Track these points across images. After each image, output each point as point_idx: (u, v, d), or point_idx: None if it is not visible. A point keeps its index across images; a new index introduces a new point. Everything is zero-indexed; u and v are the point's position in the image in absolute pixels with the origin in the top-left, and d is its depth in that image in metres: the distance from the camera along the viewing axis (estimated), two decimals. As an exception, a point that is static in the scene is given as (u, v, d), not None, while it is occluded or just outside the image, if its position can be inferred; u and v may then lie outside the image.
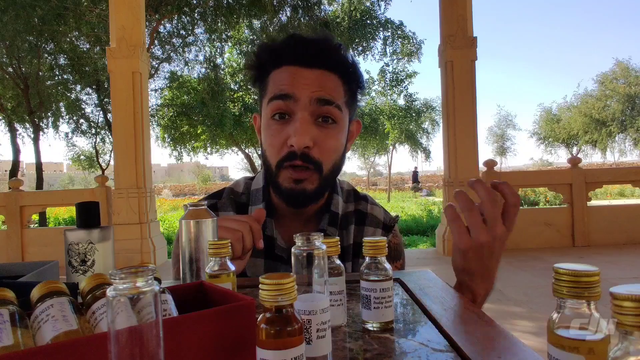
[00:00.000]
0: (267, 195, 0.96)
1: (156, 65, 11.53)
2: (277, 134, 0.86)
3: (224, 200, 1.01)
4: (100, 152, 13.48)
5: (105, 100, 11.06)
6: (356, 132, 0.99)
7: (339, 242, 0.57)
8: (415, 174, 26.10)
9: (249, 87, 12.56)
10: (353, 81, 0.90)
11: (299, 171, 0.84)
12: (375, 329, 0.57)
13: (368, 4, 11.64)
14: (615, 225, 6.36)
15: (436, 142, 23.44)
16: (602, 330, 0.35)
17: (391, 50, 12.43)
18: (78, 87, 11.68)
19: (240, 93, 13.15)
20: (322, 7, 10.81)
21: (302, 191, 0.86)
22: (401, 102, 17.34)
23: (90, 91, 11.90)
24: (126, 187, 5.97)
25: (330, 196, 0.98)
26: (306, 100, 0.83)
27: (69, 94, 11.52)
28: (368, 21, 11.57)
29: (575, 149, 25.59)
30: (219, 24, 10.54)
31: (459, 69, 6.06)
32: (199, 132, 12.84)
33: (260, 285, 0.38)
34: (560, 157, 30.57)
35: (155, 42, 10.77)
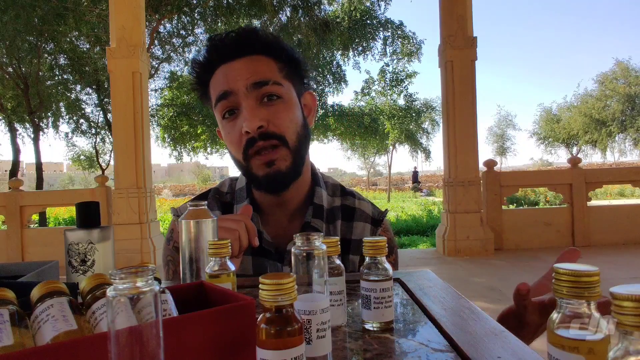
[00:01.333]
0: (250, 193, 0.97)
1: (156, 65, 11.53)
2: (232, 129, 0.88)
3: (210, 200, 1.02)
4: (100, 152, 13.48)
5: (105, 100, 11.06)
6: (313, 104, 0.99)
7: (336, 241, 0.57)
8: (415, 174, 26.06)
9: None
10: (282, 55, 0.91)
11: (267, 153, 0.85)
12: (375, 329, 0.57)
13: (368, 4, 11.63)
14: (615, 225, 6.36)
15: (436, 142, 23.40)
16: (602, 330, 0.35)
17: (391, 50, 12.44)
18: (78, 87, 11.69)
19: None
20: (322, 7, 10.81)
21: (277, 172, 0.86)
22: (401, 102, 17.35)
23: (90, 91, 11.90)
24: (126, 187, 5.97)
25: (313, 189, 0.98)
26: (243, 88, 0.85)
27: (69, 94, 11.52)
28: (368, 21, 11.56)
29: (575, 149, 25.58)
30: (219, 24, 10.53)
31: (459, 69, 6.05)
32: (199, 132, 12.84)
33: (260, 285, 0.38)
34: (560, 157, 30.58)
35: (155, 42, 10.77)
